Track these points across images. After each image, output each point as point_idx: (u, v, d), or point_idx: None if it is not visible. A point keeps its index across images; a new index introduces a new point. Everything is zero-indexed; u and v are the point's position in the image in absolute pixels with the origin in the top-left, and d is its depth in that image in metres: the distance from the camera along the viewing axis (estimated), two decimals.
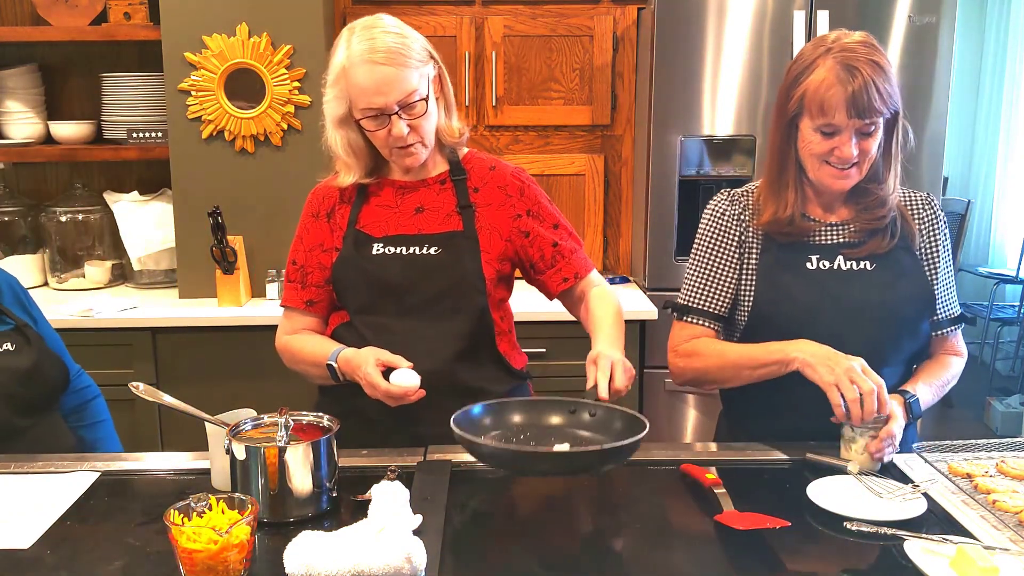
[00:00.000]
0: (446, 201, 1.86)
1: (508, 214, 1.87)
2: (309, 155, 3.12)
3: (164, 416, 3.02)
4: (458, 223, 1.84)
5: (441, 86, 1.82)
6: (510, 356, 1.90)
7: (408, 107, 1.73)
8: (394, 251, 1.82)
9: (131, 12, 3.18)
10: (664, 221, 3.22)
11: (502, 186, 1.88)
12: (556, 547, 1.38)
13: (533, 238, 1.88)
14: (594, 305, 1.83)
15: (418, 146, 1.78)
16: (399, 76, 1.70)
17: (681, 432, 3.29)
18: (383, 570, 1.24)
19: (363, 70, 1.70)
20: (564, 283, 1.89)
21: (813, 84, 1.67)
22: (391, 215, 1.86)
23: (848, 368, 1.58)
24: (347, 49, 1.73)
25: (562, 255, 1.89)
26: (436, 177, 1.88)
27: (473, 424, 1.58)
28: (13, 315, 1.90)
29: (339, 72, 1.75)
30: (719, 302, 1.83)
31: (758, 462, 1.73)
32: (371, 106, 1.72)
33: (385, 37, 1.72)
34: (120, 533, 1.44)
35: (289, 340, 1.91)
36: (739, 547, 1.39)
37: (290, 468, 1.45)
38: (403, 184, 1.87)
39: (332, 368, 1.77)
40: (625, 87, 3.50)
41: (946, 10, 3.07)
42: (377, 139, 1.78)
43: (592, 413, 1.60)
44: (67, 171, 3.53)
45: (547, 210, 1.91)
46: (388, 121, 1.73)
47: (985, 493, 1.51)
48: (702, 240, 1.86)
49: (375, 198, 1.88)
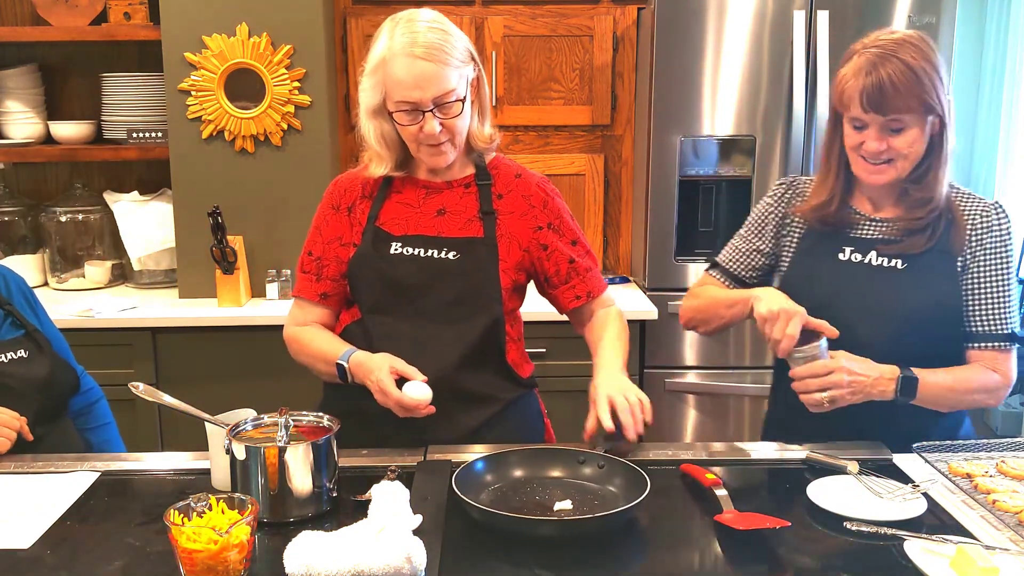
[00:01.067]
0: (468, 205, 1.84)
1: (529, 224, 1.85)
2: (309, 155, 3.12)
3: (164, 416, 3.02)
4: (479, 229, 1.82)
5: (478, 90, 1.80)
6: (518, 366, 1.89)
7: (443, 106, 1.71)
8: (412, 252, 1.80)
9: (131, 12, 3.19)
10: (664, 221, 3.22)
11: (526, 195, 1.86)
12: (556, 547, 1.38)
13: (551, 252, 1.86)
14: (597, 325, 1.88)
15: (447, 146, 1.76)
16: (438, 73, 1.68)
17: (681, 432, 3.29)
18: (383, 570, 1.24)
19: (402, 63, 1.68)
20: (576, 300, 1.89)
21: (840, 76, 1.74)
22: (412, 214, 1.83)
23: (785, 308, 1.63)
24: (389, 40, 1.70)
25: (577, 272, 1.88)
26: (461, 180, 1.85)
27: (475, 479, 1.55)
28: (24, 319, 1.89)
29: (378, 62, 1.72)
30: (741, 267, 1.95)
31: (758, 462, 1.73)
32: (406, 99, 1.69)
33: (428, 33, 1.69)
34: (120, 533, 1.44)
35: (299, 332, 1.88)
36: (739, 547, 1.39)
37: (290, 468, 1.45)
38: (427, 184, 1.85)
39: (342, 368, 1.75)
40: (625, 87, 3.50)
41: (946, 10, 3.08)
42: (407, 134, 1.75)
43: (600, 465, 1.60)
44: (67, 171, 3.53)
45: (568, 225, 1.89)
46: (421, 117, 1.71)
47: (985, 493, 1.51)
48: (753, 212, 1.98)
49: (397, 195, 1.85)
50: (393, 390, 1.65)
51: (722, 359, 3.25)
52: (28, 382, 1.81)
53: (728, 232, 3.39)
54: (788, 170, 3.13)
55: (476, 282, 1.79)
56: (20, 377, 1.80)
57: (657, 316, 3.10)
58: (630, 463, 1.57)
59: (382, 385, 1.66)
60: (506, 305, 1.83)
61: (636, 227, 3.51)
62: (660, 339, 3.20)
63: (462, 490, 1.47)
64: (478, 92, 1.80)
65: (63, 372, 1.90)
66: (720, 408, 3.27)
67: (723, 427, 3.28)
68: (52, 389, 1.85)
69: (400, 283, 1.80)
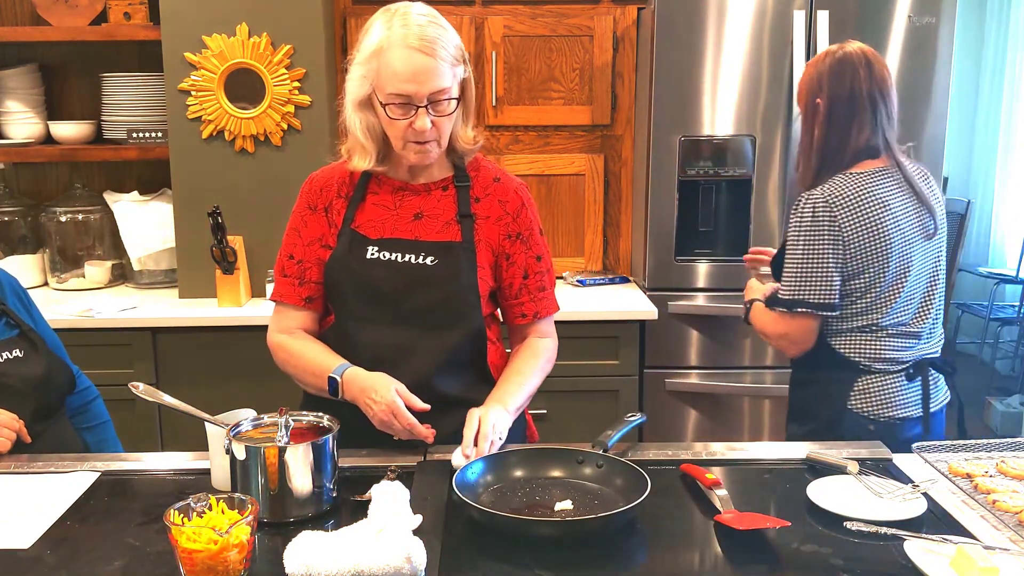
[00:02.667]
0: (446, 208, 1.81)
1: (501, 231, 1.83)
2: (309, 155, 3.12)
3: (164, 416, 3.02)
4: (456, 233, 1.80)
5: (468, 91, 1.77)
6: (497, 368, 1.87)
7: (436, 103, 1.68)
8: (389, 257, 1.77)
9: (131, 12, 3.19)
10: (664, 221, 3.22)
11: (503, 200, 1.84)
12: (556, 547, 1.38)
13: (511, 263, 1.84)
14: (521, 353, 1.87)
15: (433, 144, 1.73)
16: (436, 68, 1.65)
17: (681, 432, 3.29)
18: (383, 570, 1.24)
19: (401, 54, 1.64)
20: (522, 318, 1.87)
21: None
22: (389, 217, 1.81)
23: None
24: (386, 30, 1.66)
25: (528, 290, 1.86)
26: (439, 183, 1.83)
27: (475, 479, 1.56)
28: (18, 319, 1.90)
29: (373, 51, 1.67)
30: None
31: (758, 462, 1.73)
32: (401, 92, 1.65)
33: (428, 27, 1.66)
34: (120, 533, 1.44)
35: (287, 341, 1.84)
36: (739, 547, 1.39)
37: (290, 468, 1.45)
38: (403, 186, 1.82)
39: (335, 382, 1.72)
40: (625, 87, 3.50)
41: (946, 10, 3.07)
42: (395, 128, 1.70)
43: (600, 465, 1.60)
44: (67, 171, 3.53)
45: (536, 239, 1.87)
46: (414, 112, 1.67)
47: (985, 493, 1.51)
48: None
49: (372, 196, 1.82)
50: (406, 413, 1.63)
51: (722, 359, 3.25)
52: (25, 381, 1.82)
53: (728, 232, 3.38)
54: (788, 170, 3.13)
55: (455, 289, 1.77)
56: (17, 376, 1.81)
57: (657, 316, 3.10)
58: (630, 463, 1.57)
59: (395, 407, 1.64)
60: (484, 309, 1.82)
61: (636, 227, 3.51)
62: (660, 339, 3.20)
63: (462, 490, 1.47)
64: (467, 93, 1.77)
65: (59, 371, 1.91)
66: (720, 408, 3.27)
67: (723, 427, 3.28)
68: (48, 388, 1.86)
69: (377, 289, 1.77)
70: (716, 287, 3.23)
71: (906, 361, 2.03)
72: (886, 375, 2.01)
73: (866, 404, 2.01)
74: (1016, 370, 5.41)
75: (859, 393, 2.02)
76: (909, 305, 2.02)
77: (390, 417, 1.64)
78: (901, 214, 1.99)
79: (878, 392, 2.01)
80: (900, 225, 1.99)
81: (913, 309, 2.03)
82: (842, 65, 2.02)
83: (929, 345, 2.07)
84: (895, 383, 2.01)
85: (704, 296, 3.23)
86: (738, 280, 3.22)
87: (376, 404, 1.66)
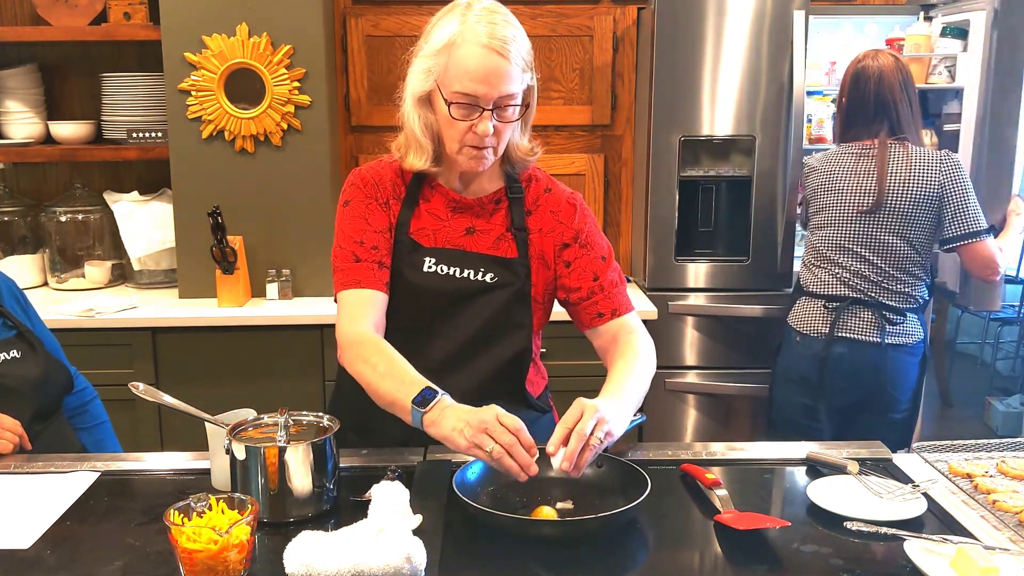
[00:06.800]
0: (497, 223, 1.74)
1: (556, 241, 1.76)
2: (309, 155, 3.12)
3: (164, 416, 3.02)
4: (510, 248, 1.73)
5: (530, 99, 1.69)
6: (533, 383, 1.82)
7: (502, 108, 1.60)
8: (446, 271, 1.70)
9: (131, 12, 3.19)
10: (664, 221, 3.22)
11: (555, 211, 1.77)
12: (556, 547, 1.38)
13: (574, 268, 1.76)
14: (619, 353, 1.71)
15: (490, 151, 1.64)
16: (509, 72, 1.57)
17: (681, 432, 3.29)
18: (383, 570, 1.24)
19: (477, 51, 1.55)
20: (599, 318, 1.76)
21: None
22: (440, 227, 1.73)
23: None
24: (461, 25, 1.57)
25: (602, 288, 1.76)
26: (491, 196, 1.74)
27: (475, 479, 1.54)
28: (16, 320, 1.90)
29: (444, 44, 1.58)
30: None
31: (758, 462, 1.73)
32: (469, 92, 1.57)
33: (507, 27, 1.58)
34: (120, 533, 1.44)
35: (375, 340, 1.62)
36: (739, 547, 1.39)
37: (290, 468, 1.45)
38: (456, 199, 1.73)
39: (432, 392, 1.49)
40: (625, 87, 3.50)
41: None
42: (455, 129, 1.61)
43: (600, 465, 1.58)
44: (67, 171, 3.54)
45: (596, 240, 1.79)
46: (478, 115, 1.59)
47: (985, 493, 1.51)
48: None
49: (425, 203, 1.73)
50: (524, 455, 1.42)
51: (722, 359, 3.25)
52: (23, 382, 1.82)
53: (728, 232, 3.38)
54: (788, 170, 3.13)
55: (507, 307, 1.72)
56: (15, 377, 1.82)
57: (657, 316, 3.10)
58: (630, 463, 1.57)
59: (514, 450, 1.42)
60: (535, 326, 1.77)
61: (636, 227, 3.51)
62: (660, 339, 3.18)
63: (462, 490, 1.47)
64: (531, 102, 1.70)
65: (56, 371, 1.91)
66: (720, 408, 3.27)
67: (723, 427, 3.29)
68: (46, 388, 1.86)
69: (432, 303, 1.71)
70: (716, 287, 3.23)
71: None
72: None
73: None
74: (1017, 370, 5.41)
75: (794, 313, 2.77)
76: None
77: (504, 458, 1.42)
78: (845, 182, 2.66)
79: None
80: (840, 189, 2.67)
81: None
82: (857, 76, 2.66)
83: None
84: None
85: (704, 296, 3.23)
86: (738, 280, 3.22)
87: (495, 438, 1.43)
